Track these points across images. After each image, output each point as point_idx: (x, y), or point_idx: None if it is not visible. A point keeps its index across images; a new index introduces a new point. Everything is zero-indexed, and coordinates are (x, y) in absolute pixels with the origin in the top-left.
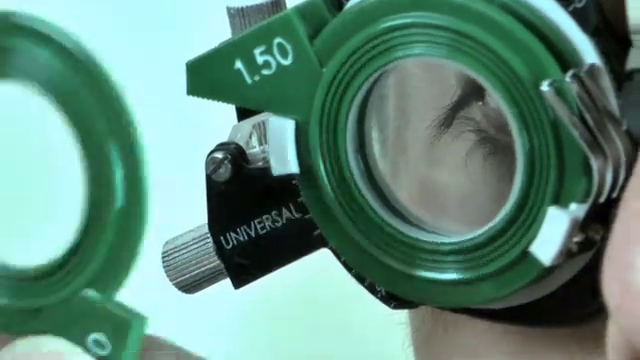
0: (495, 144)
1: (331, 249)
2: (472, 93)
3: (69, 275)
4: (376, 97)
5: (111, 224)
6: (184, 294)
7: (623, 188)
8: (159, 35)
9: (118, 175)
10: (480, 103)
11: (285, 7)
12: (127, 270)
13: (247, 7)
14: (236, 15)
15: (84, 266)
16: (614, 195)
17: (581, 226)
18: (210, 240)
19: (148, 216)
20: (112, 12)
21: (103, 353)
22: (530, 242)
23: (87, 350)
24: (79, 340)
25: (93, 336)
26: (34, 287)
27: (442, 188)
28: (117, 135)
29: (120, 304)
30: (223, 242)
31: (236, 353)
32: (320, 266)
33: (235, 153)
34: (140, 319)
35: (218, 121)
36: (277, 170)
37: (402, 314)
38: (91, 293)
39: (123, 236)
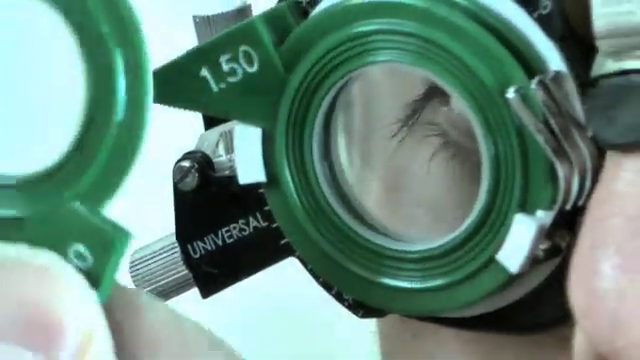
0: (458, 148)
1: (298, 258)
2: (437, 97)
3: (57, 186)
4: (342, 104)
5: (109, 137)
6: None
7: (589, 195)
8: None
9: (121, 86)
10: (445, 108)
11: (251, 15)
12: (117, 187)
13: (213, 16)
14: (202, 24)
15: (74, 179)
16: (580, 202)
17: (548, 233)
18: (178, 249)
19: (146, 133)
20: None
21: (83, 265)
22: (497, 249)
23: (68, 261)
24: (60, 251)
25: (75, 247)
26: (19, 196)
27: (408, 195)
28: (123, 42)
29: (105, 218)
30: (191, 251)
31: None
32: None
33: (202, 162)
34: (125, 234)
35: (185, 128)
36: (244, 178)
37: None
38: (77, 206)
39: (119, 151)
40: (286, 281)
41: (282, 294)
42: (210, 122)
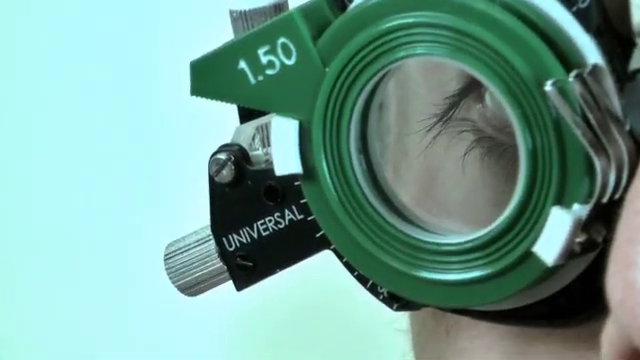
0: (492, 144)
1: (334, 250)
2: (471, 94)
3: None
4: (377, 103)
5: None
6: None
7: (626, 189)
8: (162, 36)
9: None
10: (479, 105)
11: (288, 10)
12: None
13: (250, 10)
14: (239, 18)
15: None
16: (617, 196)
17: (584, 227)
18: (212, 242)
19: None
20: (116, 12)
21: None
22: (533, 243)
23: None
24: None
25: None
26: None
27: (442, 190)
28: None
29: None
30: (225, 244)
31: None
32: (323, 269)
33: (238, 155)
34: None
35: (223, 121)
36: (280, 170)
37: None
38: None
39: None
40: (312, 278)
41: (307, 292)
42: (246, 115)
